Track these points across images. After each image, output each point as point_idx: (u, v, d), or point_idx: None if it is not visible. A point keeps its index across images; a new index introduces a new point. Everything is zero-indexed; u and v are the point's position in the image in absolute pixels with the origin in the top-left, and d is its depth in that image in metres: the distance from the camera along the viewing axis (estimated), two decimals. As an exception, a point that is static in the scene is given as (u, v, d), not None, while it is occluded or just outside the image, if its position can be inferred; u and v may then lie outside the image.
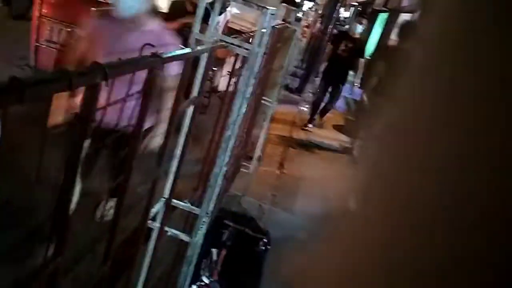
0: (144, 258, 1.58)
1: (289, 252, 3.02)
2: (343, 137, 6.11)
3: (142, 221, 1.17)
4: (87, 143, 0.67)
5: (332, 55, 5.78)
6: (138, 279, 1.58)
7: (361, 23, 6.19)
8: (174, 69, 1.45)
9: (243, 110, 1.65)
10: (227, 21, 4.64)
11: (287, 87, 7.69)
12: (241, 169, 3.63)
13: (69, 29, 4.03)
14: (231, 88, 1.84)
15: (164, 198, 1.53)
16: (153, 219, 1.52)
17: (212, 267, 2.36)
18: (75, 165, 0.67)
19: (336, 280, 0.35)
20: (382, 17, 11.62)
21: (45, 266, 0.67)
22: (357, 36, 5.85)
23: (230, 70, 2.03)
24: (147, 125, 1.20)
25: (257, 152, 3.81)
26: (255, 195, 3.59)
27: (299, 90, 7.98)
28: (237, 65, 1.97)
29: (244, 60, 1.61)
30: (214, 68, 4.47)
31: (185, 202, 1.71)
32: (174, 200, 1.61)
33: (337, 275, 0.36)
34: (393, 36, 8.12)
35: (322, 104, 6.02)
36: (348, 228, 0.37)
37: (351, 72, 5.91)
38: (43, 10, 3.95)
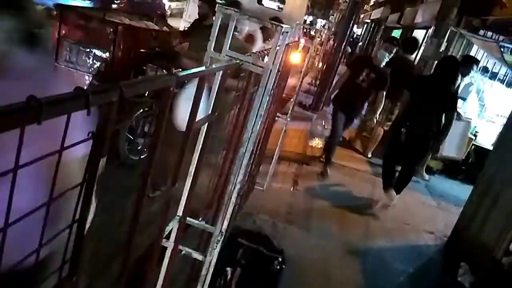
0: (158, 277, 1.57)
1: (304, 271, 2.97)
2: (360, 155, 6.05)
3: (157, 240, 1.16)
4: (103, 161, 0.67)
5: (349, 84, 4.62)
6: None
7: (390, 51, 4.62)
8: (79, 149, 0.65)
9: (257, 127, 1.65)
10: None
11: (300, 104, 7.71)
12: (255, 187, 3.61)
13: (87, 50, 4.14)
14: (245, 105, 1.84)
15: (178, 216, 1.52)
16: (167, 237, 1.51)
17: (227, 287, 2.33)
18: (91, 184, 0.67)
19: None
20: (395, 34, 11.63)
21: (60, 286, 0.66)
22: (382, 67, 4.63)
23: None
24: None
25: (271, 169, 3.79)
26: (269, 212, 3.56)
27: (312, 107, 7.98)
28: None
29: (257, 78, 1.62)
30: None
31: (199, 220, 1.70)
32: (188, 218, 1.60)
33: None
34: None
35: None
36: None
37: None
38: (62, 31, 4.06)
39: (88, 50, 4.15)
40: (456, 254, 3.67)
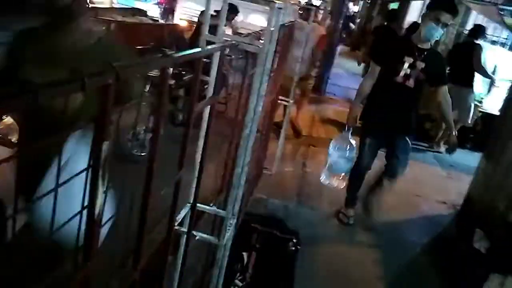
0: (175, 267, 1.58)
1: (319, 250, 2.99)
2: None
3: (169, 226, 1.17)
4: (106, 145, 0.67)
5: (385, 87, 2.97)
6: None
7: (444, 24, 2.78)
8: None
9: (259, 108, 1.64)
10: None
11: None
12: (264, 171, 3.61)
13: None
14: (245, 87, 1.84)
15: (190, 203, 1.53)
16: (181, 224, 1.52)
17: (244, 271, 2.35)
18: (97, 168, 0.67)
19: None
20: (393, 6, 11.45)
21: (75, 272, 0.67)
22: (432, 49, 3.04)
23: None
24: None
25: (278, 153, 3.79)
26: (280, 196, 3.56)
27: (315, 89, 7.93)
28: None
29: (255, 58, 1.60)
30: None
31: (210, 206, 1.71)
32: (200, 205, 1.60)
33: None
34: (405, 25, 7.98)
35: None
36: None
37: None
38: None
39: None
40: (470, 222, 3.67)
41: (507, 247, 3.12)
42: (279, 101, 3.62)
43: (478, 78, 5.92)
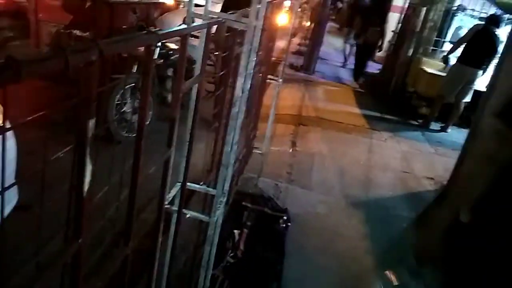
0: (167, 245, 1.60)
1: (310, 226, 3.04)
2: (356, 110, 6.04)
3: (159, 204, 1.18)
4: (91, 123, 0.67)
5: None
6: (163, 266, 1.60)
7: None
8: None
9: (247, 86, 1.64)
10: None
11: (292, 66, 7.62)
12: (254, 151, 3.63)
13: (68, 32, 4.04)
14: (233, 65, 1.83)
15: (180, 182, 1.54)
16: (172, 203, 1.54)
17: (236, 248, 2.39)
18: (83, 146, 0.67)
19: None
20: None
21: (66, 247, 0.68)
22: None
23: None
24: None
25: (268, 132, 3.79)
26: (270, 175, 3.59)
27: (304, 68, 7.90)
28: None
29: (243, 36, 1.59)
30: (216, 52, 4.44)
31: (201, 185, 1.72)
32: (190, 184, 1.62)
33: None
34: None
35: None
36: None
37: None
38: (40, 15, 3.95)
39: (69, 31, 4.05)
40: (455, 197, 3.74)
41: (488, 220, 3.21)
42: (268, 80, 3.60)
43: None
